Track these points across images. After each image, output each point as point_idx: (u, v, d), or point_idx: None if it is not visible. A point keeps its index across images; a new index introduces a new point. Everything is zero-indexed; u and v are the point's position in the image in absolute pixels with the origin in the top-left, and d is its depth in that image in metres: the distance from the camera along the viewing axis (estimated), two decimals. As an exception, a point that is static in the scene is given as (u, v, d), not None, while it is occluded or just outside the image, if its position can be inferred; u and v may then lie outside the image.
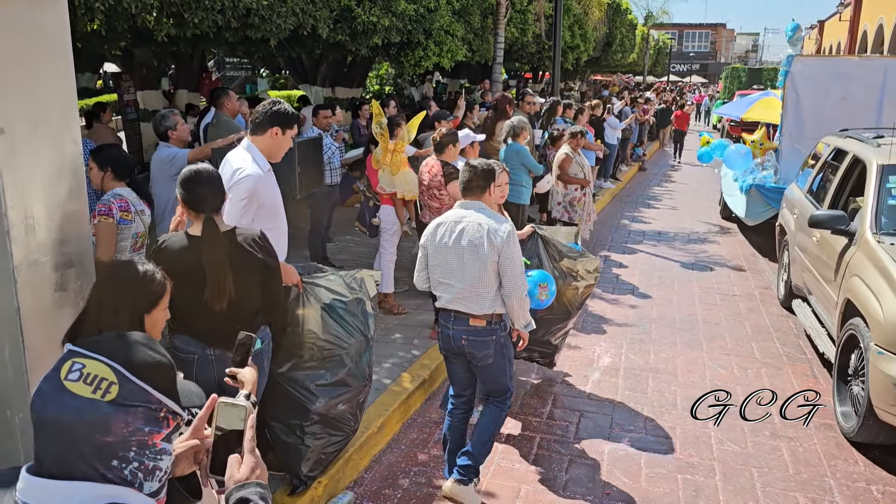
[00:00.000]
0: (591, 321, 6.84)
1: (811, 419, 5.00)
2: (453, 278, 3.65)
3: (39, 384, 1.33)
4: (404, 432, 4.67)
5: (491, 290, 3.61)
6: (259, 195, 3.37)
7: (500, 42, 12.76)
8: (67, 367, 1.32)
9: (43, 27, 2.46)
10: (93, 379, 1.31)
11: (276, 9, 7.84)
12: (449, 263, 3.65)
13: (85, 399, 1.29)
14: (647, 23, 41.16)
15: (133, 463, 1.33)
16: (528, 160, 7.15)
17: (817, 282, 5.99)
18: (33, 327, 2.49)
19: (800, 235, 6.78)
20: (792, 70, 9.22)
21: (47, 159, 2.53)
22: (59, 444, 1.29)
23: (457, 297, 3.66)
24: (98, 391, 1.30)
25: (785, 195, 8.05)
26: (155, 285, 2.16)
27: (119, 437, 1.30)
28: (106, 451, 1.30)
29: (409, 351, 5.52)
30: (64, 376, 1.31)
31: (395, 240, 6.24)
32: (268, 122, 3.50)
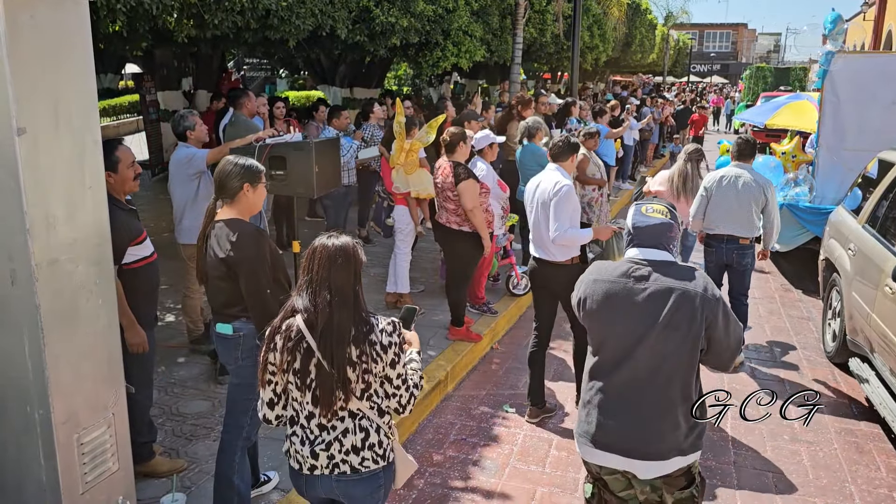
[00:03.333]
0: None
1: (811, 419, 4.98)
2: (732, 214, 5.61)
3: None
4: (420, 433, 4.67)
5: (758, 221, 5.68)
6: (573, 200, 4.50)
7: (519, 42, 12.73)
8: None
9: (64, 28, 2.49)
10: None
11: (295, 10, 7.87)
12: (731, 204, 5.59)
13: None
14: (666, 23, 40.90)
15: None
16: (543, 161, 7.10)
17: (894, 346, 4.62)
18: (53, 325, 2.52)
19: (861, 282, 5.34)
20: (831, 69, 7.80)
21: (68, 158, 2.55)
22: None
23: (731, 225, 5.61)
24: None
25: (831, 221, 6.60)
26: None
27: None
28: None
29: (425, 351, 5.51)
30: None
31: (410, 240, 6.24)
32: (569, 150, 4.71)
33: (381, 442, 2.45)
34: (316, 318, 2.35)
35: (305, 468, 2.45)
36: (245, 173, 3.12)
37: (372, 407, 2.42)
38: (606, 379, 2.69)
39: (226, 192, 3.12)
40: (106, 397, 2.80)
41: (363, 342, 2.35)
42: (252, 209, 3.18)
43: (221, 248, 3.03)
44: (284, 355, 2.36)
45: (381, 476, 2.48)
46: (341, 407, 2.38)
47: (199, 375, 5.00)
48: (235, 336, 3.17)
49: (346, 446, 2.41)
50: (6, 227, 2.43)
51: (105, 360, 2.78)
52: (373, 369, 2.37)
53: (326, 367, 2.32)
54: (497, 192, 6.08)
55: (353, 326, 2.36)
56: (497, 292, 7.02)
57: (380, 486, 2.49)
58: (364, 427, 2.42)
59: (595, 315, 2.70)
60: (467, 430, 4.73)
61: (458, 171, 5.38)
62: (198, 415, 4.45)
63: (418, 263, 7.49)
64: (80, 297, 2.64)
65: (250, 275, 3.02)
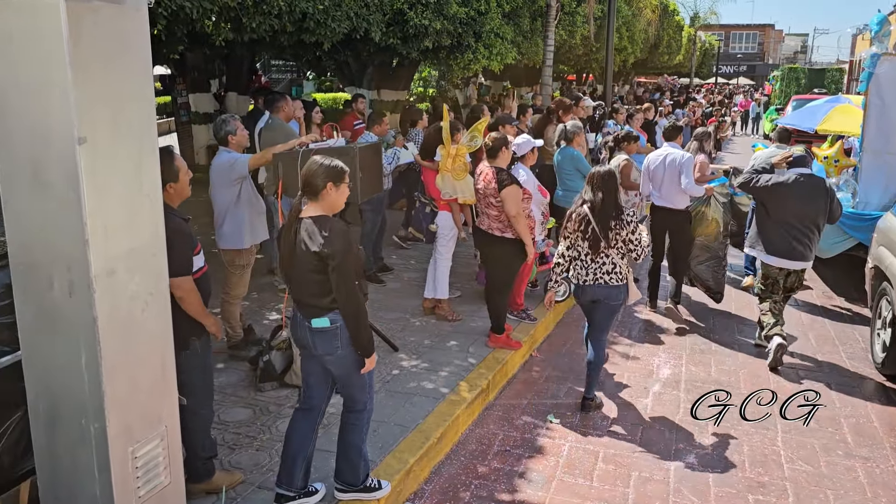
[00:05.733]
0: (649, 330, 6.68)
1: (811, 419, 5.00)
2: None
3: None
4: (463, 443, 4.59)
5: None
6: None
7: (550, 44, 12.62)
8: None
9: (125, 34, 2.44)
10: None
11: (331, 13, 7.84)
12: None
13: None
14: (693, 24, 40.51)
15: None
16: (582, 165, 7.01)
17: None
18: (110, 337, 2.47)
19: None
20: (877, 72, 7.60)
21: (126, 166, 2.51)
22: None
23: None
24: None
25: (879, 228, 6.54)
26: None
27: None
28: None
29: (466, 359, 5.44)
30: None
31: (452, 245, 6.16)
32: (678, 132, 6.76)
33: (621, 271, 4.76)
34: (593, 205, 4.71)
35: (581, 281, 4.83)
36: (329, 172, 3.29)
37: (618, 253, 4.72)
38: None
39: (310, 190, 3.29)
40: (160, 409, 2.75)
41: (617, 219, 4.68)
42: (335, 207, 3.36)
43: (314, 242, 3.20)
44: (577, 224, 4.76)
45: (621, 288, 4.79)
46: (603, 251, 4.68)
47: (239, 382, 4.95)
48: (333, 327, 3.32)
49: (604, 270, 4.73)
50: (66, 238, 2.39)
51: (160, 372, 2.73)
52: (620, 234, 4.67)
53: (598, 230, 4.64)
54: (538, 197, 5.99)
55: (613, 211, 4.68)
56: (535, 298, 6.91)
57: (621, 292, 4.79)
58: (614, 262, 4.72)
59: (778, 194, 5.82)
60: (511, 441, 4.64)
61: (501, 176, 5.29)
62: (239, 423, 4.40)
63: (454, 268, 7.38)
64: (135, 307, 2.59)
65: (340, 267, 3.19)
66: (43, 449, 2.64)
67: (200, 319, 3.39)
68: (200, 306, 3.38)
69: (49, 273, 2.45)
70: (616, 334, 6.55)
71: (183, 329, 3.36)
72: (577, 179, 7.06)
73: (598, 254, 4.69)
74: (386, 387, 4.93)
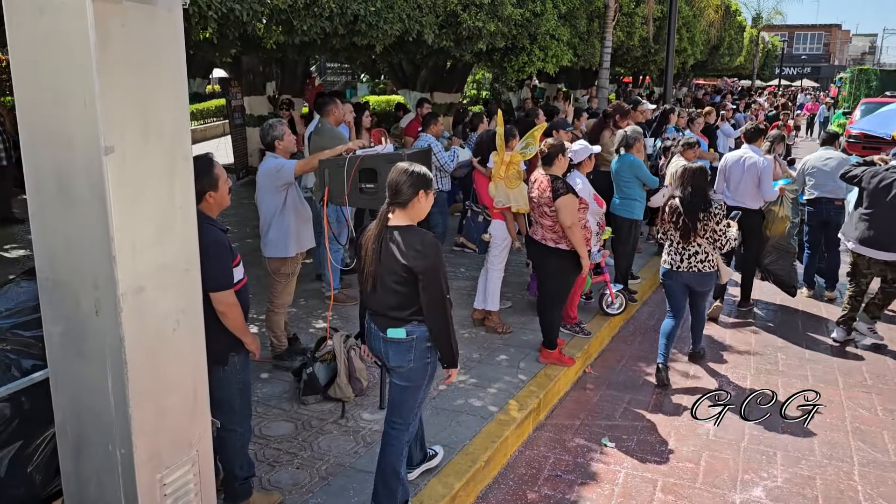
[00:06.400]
0: (710, 347, 6.32)
1: (811, 419, 5.00)
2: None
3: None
4: (511, 467, 4.35)
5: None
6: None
7: (608, 46, 12.26)
8: None
9: (157, 37, 2.30)
10: None
11: (383, 15, 7.70)
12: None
13: None
14: (756, 24, 39.30)
15: None
16: (642, 173, 6.69)
17: None
18: (137, 359, 2.33)
19: None
20: None
21: (157, 177, 2.36)
22: None
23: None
24: None
25: None
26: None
27: None
28: None
29: (516, 375, 5.20)
30: None
31: (505, 255, 5.92)
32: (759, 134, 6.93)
33: (712, 259, 5.29)
34: (683, 199, 5.25)
35: (674, 268, 5.38)
36: (419, 181, 3.20)
37: (708, 242, 5.23)
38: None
39: (400, 199, 3.20)
40: (191, 434, 2.60)
41: (705, 211, 5.20)
42: (422, 215, 3.28)
43: (405, 255, 3.12)
44: (669, 215, 5.32)
45: (712, 275, 5.35)
46: (693, 240, 5.23)
47: (283, 394, 4.82)
48: (409, 339, 3.25)
49: (697, 258, 5.28)
50: (92, 253, 2.25)
51: (191, 395, 2.58)
52: (708, 225, 5.19)
53: (688, 222, 5.19)
54: (594, 207, 5.71)
55: (702, 204, 5.21)
56: (589, 311, 6.63)
57: (711, 278, 5.38)
58: (706, 251, 5.26)
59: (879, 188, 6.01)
60: (563, 465, 4.38)
61: (557, 185, 5.04)
62: (281, 438, 4.26)
63: (506, 277, 7.14)
64: (166, 327, 2.44)
65: (433, 281, 3.12)
66: (70, 474, 2.52)
67: (240, 336, 3.25)
68: (241, 321, 3.24)
69: (76, 290, 2.32)
70: (675, 351, 6.21)
71: (221, 344, 3.23)
72: (636, 187, 6.74)
73: (689, 243, 5.28)
74: (432, 403, 4.72)
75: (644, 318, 7.07)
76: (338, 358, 4.71)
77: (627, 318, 6.94)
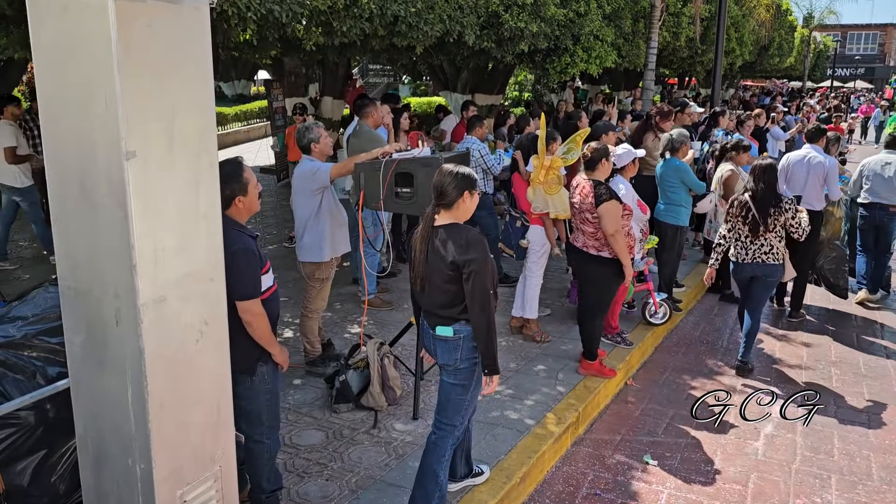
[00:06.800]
0: (759, 360, 6.06)
1: (811, 419, 4.99)
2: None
3: None
4: (548, 483, 4.19)
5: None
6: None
7: (654, 47, 11.97)
8: None
9: (182, 37, 2.21)
10: None
11: (424, 16, 7.59)
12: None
13: None
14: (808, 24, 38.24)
15: None
16: (689, 178, 6.45)
17: None
18: (158, 371, 2.24)
19: None
20: None
21: (181, 183, 2.28)
22: None
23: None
24: None
25: None
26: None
27: None
28: None
29: (554, 387, 5.03)
30: None
31: (544, 262, 5.75)
32: (821, 133, 6.83)
33: (777, 252, 5.45)
34: (754, 194, 5.43)
35: (741, 259, 5.55)
36: (464, 181, 3.22)
37: (775, 236, 5.40)
38: None
39: (445, 200, 3.23)
40: (214, 449, 2.51)
41: (775, 206, 5.37)
42: (468, 215, 3.30)
43: (451, 252, 3.15)
44: (738, 210, 5.51)
45: (777, 267, 5.49)
46: (762, 234, 5.40)
47: (315, 401, 4.74)
48: (456, 338, 3.27)
49: (762, 250, 5.45)
50: (113, 261, 2.18)
51: (214, 409, 2.49)
52: (779, 219, 5.37)
53: (757, 216, 5.38)
54: (638, 213, 5.51)
55: (772, 199, 5.38)
56: (632, 321, 6.42)
57: (777, 270, 5.51)
58: (772, 244, 5.43)
59: None
60: (602, 483, 4.20)
61: (599, 190, 4.86)
62: (311, 447, 4.17)
63: (545, 284, 6.96)
64: (188, 339, 2.35)
65: (477, 276, 3.12)
66: (90, 487, 2.45)
67: (267, 346, 3.15)
68: (268, 331, 3.14)
69: (97, 299, 2.25)
70: (722, 363, 5.97)
71: (249, 353, 3.15)
72: (682, 192, 6.50)
73: (757, 237, 5.44)
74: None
75: (689, 328, 6.83)
76: (371, 366, 4.60)
77: (672, 328, 6.70)
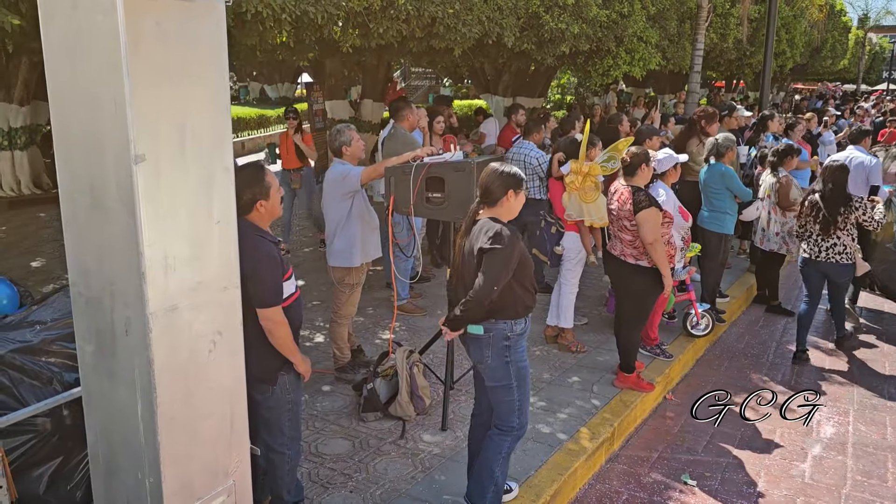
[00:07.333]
0: (807, 374, 5.79)
1: (811, 419, 4.99)
2: None
3: None
4: (580, 502, 4.02)
5: None
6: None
7: (700, 49, 11.66)
8: None
9: (196, 37, 2.14)
10: None
11: (462, 17, 7.49)
12: None
13: None
14: (862, 25, 37.08)
15: None
16: (734, 184, 6.20)
17: None
18: (168, 382, 2.17)
19: None
20: None
21: (194, 189, 2.20)
22: None
23: None
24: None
25: None
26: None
27: None
28: None
29: (589, 400, 4.86)
30: None
31: (579, 270, 5.58)
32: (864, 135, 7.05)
33: (850, 251, 5.58)
34: (824, 194, 5.61)
35: (813, 257, 5.69)
36: (509, 180, 3.26)
37: (847, 234, 5.54)
38: None
39: (489, 198, 3.28)
40: (227, 463, 2.42)
41: (845, 205, 5.52)
42: (512, 214, 3.33)
43: (479, 241, 3.18)
44: (809, 209, 5.70)
45: (849, 267, 5.63)
46: (833, 232, 5.54)
47: (343, 409, 4.65)
48: (486, 336, 3.28)
49: (834, 249, 5.60)
50: (123, 269, 2.11)
51: (228, 422, 2.41)
52: (849, 218, 5.52)
53: (828, 216, 5.54)
54: (679, 220, 5.30)
55: (842, 199, 5.55)
56: (672, 332, 6.20)
57: (849, 269, 5.65)
58: (844, 243, 5.56)
59: None
60: (637, 503, 4.02)
61: (639, 197, 4.67)
62: (337, 457, 4.07)
63: (581, 291, 6.77)
64: (200, 348, 2.28)
65: (490, 265, 3.13)
66: (101, 498, 2.39)
67: (288, 356, 3.06)
68: (289, 340, 3.05)
69: (108, 307, 2.18)
70: (767, 378, 5.72)
71: (271, 362, 3.07)
72: (727, 199, 6.25)
73: (829, 235, 5.59)
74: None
75: (732, 340, 6.57)
76: (399, 374, 4.50)
77: (714, 340, 6.46)
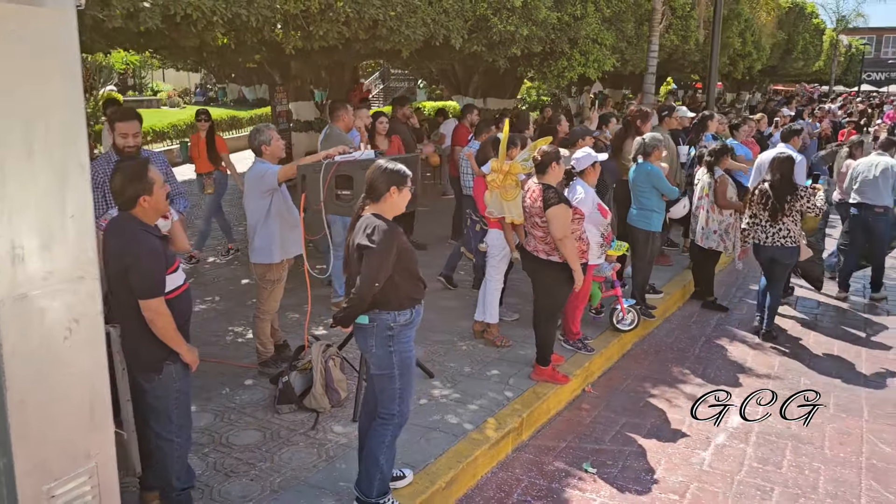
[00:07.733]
0: (725, 368, 5.96)
1: (811, 419, 5.02)
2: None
3: None
4: (480, 489, 4.16)
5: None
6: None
7: (654, 51, 11.85)
8: None
9: (44, 41, 2.26)
10: None
11: (405, 19, 7.61)
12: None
13: None
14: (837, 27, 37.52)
15: None
16: (660, 183, 6.36)
17: None
18: (18, 367, 2.28)
19: None
20: None
21: (44, 185, 2.31)
22: None
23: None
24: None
25: None
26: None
27: None
28: None
29: (502, 392, 5.00)
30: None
31: (503, 266, 5.73)
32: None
33: (794, 235, 6.15)
34: (773, 183, 6.16)
35: (761, 242, 6.29)
36: (393, 177, 3.37)
37: (792, 220, 6.13)
38: None
39: (373, 194, 3.39)
40: (87, 445, 2.54)
41: (791, 194, 6.10)
42: (396, 210, 3.44)
43: (358, 237, 3.30)
44: (759, 197, 6.27)
45: (794, 249, 6.21)
46: (779, 218, 6.12)
47: (259, 402, 4.77)
48: (370, 326, 3.39)
49: (780, 234, 6.16)
50: (-29, 260, 2.22)
51: (87, 405, 2.53)
52: (795, 205, 6.09)
53: (776, 203, 6.11)
54: (596, 217, 5.45)
55: (788, 188, 6.11)
56: (599, 327, 6.36)
57: (793, 253, 6.21)
58: (788, 228, 6.14)
59: None
60: (534, 490, 4.17)
61: (548, 194, 4.82)
62: (245, 447, 4.20)
63: (517, 287, 6.96)
64: (55, 336, 2.39)
65: (369, 260, 3.24)
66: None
67: (172, 345, 3.19)
68: (172, 330, 3.18)
69: (-39, 296, 2.29)
70: (688, 371, 5.89)
71: (156, 352, 3.20)
72: (654, 198, 6.42)
73: (776, 221, 6.16)
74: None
75: (662, 335, 6.74)
76: (314, 367, 4.63)
77: (644, 335, 6.62)
